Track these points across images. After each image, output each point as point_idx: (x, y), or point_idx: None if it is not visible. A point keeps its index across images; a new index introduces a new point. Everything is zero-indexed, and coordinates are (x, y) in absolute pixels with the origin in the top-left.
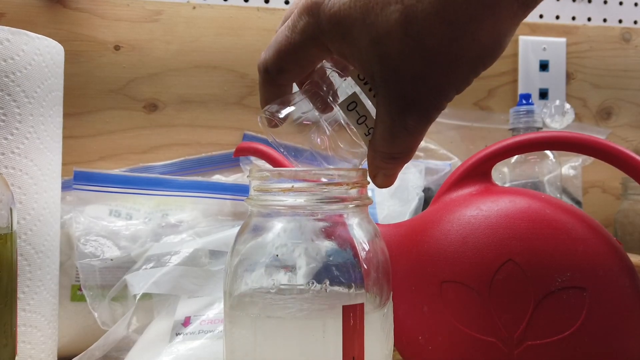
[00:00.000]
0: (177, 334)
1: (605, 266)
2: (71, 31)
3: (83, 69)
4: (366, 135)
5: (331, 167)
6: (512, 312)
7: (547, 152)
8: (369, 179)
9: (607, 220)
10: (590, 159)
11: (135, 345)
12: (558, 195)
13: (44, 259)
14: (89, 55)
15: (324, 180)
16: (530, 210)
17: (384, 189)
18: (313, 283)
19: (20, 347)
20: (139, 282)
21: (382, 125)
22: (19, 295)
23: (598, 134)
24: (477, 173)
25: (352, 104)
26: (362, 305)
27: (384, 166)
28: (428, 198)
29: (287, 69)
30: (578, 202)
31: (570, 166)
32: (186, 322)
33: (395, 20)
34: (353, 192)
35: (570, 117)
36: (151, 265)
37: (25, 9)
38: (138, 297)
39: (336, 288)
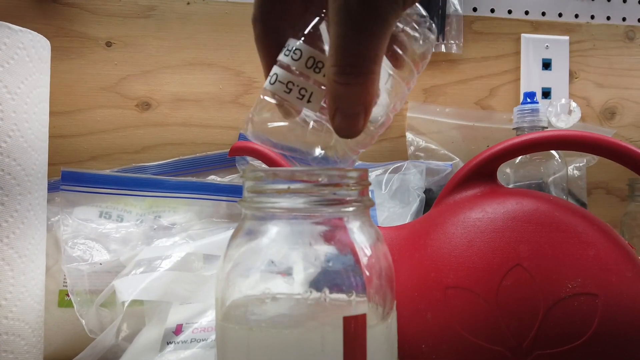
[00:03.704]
0: (168, 343)
1: (618, 271)
2: (61, 27)
3: (73, 66)
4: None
5: (330, 167)
6: (521, 320)
7: (553, 152)
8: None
9: (611, 223)
10: (594, 160)
11: (125, 354)
12: (564, 197)
13: (27, 264)
14: (80, 51)
15: (322, 180)
16: (539, 212)
17: (384, 191)
18: (311, 291)
19: (2, 357)
20: (128, 288)
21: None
22: (1, 302)
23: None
24: (482, 173)
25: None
26: (364, 316)
27: (338, 90)
28: (429, 199)
29: (272, 10)
30: (583, 204)
31: (574, 167)
32: (178, 330)
33: None
34: (354, 193)
35: (576, 115)
36: (141, 270)
37: (12, 3)
38: (127, 303)
39: (336, 297)
